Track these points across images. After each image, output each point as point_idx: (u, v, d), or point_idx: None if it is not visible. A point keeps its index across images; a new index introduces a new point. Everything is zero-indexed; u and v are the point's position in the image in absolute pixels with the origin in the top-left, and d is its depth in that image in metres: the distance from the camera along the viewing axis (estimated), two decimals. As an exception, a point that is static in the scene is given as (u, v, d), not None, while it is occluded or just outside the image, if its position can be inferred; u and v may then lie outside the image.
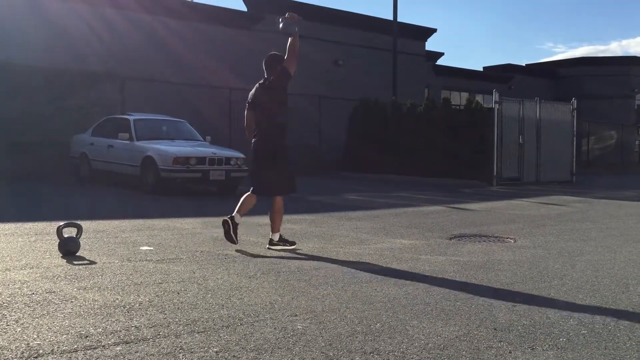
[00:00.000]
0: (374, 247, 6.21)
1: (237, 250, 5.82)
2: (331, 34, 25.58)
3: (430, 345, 2.99)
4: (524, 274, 4.90)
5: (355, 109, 20.42)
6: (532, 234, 7.45)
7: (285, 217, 8.58)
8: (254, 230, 7.24)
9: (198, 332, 3.12)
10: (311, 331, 3.18)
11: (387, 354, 2.85)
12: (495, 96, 16.94)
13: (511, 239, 7.01)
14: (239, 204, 6.22)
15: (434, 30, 29.31)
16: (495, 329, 3.29)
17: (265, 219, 6.24)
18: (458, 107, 23.57)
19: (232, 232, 5.97)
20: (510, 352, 2.91)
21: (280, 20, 6.02)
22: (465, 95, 32.24)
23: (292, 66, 6.10)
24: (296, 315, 3.48)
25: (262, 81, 6.19)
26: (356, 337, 3.08)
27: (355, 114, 20.38)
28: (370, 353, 2.85)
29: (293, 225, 7.83)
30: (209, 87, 20.27)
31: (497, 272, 4.99)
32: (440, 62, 34.61)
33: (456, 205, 11.04)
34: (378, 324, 3.34)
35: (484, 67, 41.20)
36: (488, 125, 16.86)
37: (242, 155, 12.25)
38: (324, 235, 7.03)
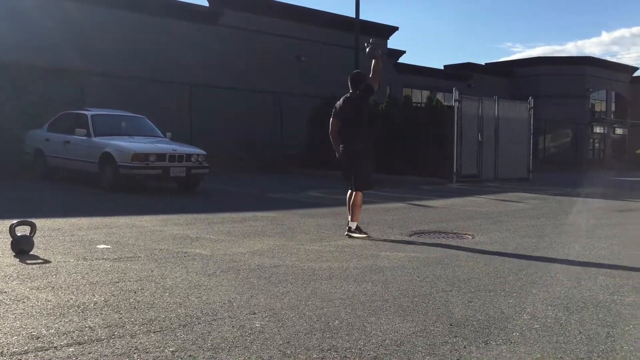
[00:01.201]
0: (335, 244, 6.24)
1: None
2: (294, 30, 25.55)
3: (387, 341, 3.02)
4: (481, 270, 4.99)
5: (317, 106, 20.45)
6: (490, 230, 7.60)
7: (247, 215, 8.59)
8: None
9: (154, 332, 3.07)
10: (269, 329, 3.17)
11: (344, 350, 2.86)
12: (456, 94, 17.20)
13: (469, 235, 7.13)
14: (347, 206, 7.06)
15: (395, 29, 29.57)
16: (451, 325, 3.34)
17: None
18: (419, 105, 23.82)
19: (359, 233, 6.84)
20: (465, 347, 2.96)
21: (366, 45, 7.12)
22: (426, 93, 32.61)
23: (375, 84, 7.02)
24: (255, 313, 3.47)
25: (348, 95, 7.15)
26: (314, 335, 3.09)
27: (317, 111, 20.40)
28: (328, 350, 2.86)
29: (253, 222, 7.80)
30: (170, 83, 19.98)
31: (455, 268, 5.07)
32: (402, 60, 34.92)
33: (416, 202, 11.17)
34: (336, 321, 3.35)
35: (444, 66, 41.76)
36: (448, 123, 17.11)
37: (203, 152, 12.12)
38: (285, 232, 7.02)
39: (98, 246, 5.64)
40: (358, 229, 6.88)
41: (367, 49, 7.07)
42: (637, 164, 35.59)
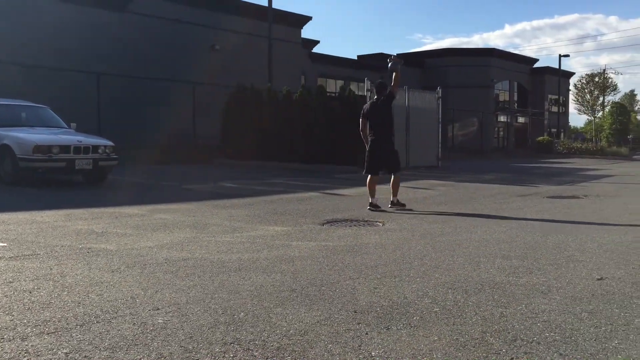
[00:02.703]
0: (247, 235, 6.20)
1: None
2: (207, 19, 25.07)
3: (291, 331, 3.04)
4: (388, 256, 5.12)
5: (231, 95, 20.19)
6: (400, 217, 7.80)
7: (158, 207, 8.38)
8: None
9: (48, 333, 2.93)
10: (172, 325, 3.10)
11: (248, 343, 2.85)
12: (367, 84, 17.50)
13: (380, 222, 7.29)
14: (368, 189, 8.73)
15: (309, 18, 29.64)
16: (355, 312, 3.40)
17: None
18: (334, 94, 24.06)
19: (377, 208, 8.46)
20: (367, 334, 3.02)
21: (388, 60, 9.04)
22: (340, 83, 32.97)
23: (396, 91, 9.07)
24: (158, 309, 3.39)
25: (374, 100, 8.92)
26: (218, 328, 3.06)
27: (231, 100, 20.16)
28: (231, 343, 2.84)
29: (165, 215, 7.62)
30: (76, 72, 19.10)
31: (364, 255, 5.17)
32: (316, 49, 35.08)
33: (330, 191, 11.30)
34: (242, 313, 3.33)
35: (358, 56, 42.37)
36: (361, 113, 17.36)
37: (111, 143, 11.68)
38: (197, 224, 6.90)
39: (-8, 245, 5.31)
40: (400, 203, 8.70)
41: (389, 64, 8.96)
42: (537, 151, 37.67)
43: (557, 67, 47.93)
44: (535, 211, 8.46)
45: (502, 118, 48.46)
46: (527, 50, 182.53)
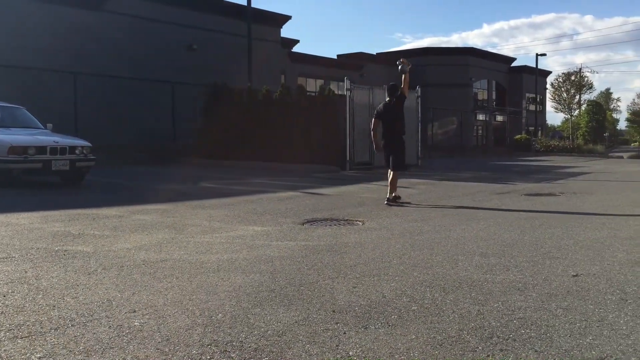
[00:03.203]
0: (226, 236, 6.17)
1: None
2: (185, 18, 24.91)
3: (269, 332, 3.03)
4: (368, 255, 5.13)
5: (210, 95, 20.07)
6: (379, 216, 7.82)
7: (136, 208, 8.31)
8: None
9: (21, 338, 2.89)
10: (149, 327, 3.08)
11: (225, 344, 2.84)
12: (347, 83, 17.52)
13: (360, 221, 7.31)
14: (389, 186, 9.19)
15: (288, 17, 29.60)
16: (333, 311, 3.41)
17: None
18: (314, 93, 24.06)
19: (397, 202, 9.08)
20: (344, 333, 3.03)
21: (398, 63, 9.61)
22: (320, 82, 32.96)
23: (406, 92, 9.71)
24: (135, 312, 3.35)
25: (387, 101, 9.61)
26: (196, 330, 3.04)
27: (210, 100, 20.05)
28: (208, 345, 2.82)
29: (143, 216, 7.55)
30: (52, 71, 18.85)
31: (343, 254, 5.18)
32: (296, 49, 35.05)
33: (310, 191, 11.29)
34: (220, 315, 3.32)
35: (337, 55, 42.42)
36: (340, 112, 17.40)
37: (88, 144, 11.56)
38: (175, 225, 6.85)
39: (-35, 248, 5.22)
40: (394, 200, 9.10)
41: (400, 67, 9.50)
42: (516, 149, 38.05)
43: (534, 66, 48.47)
44: (513, 209, 8.54)
45: (480, 117, 48.88)
46: (505, 50, 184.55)
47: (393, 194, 9.11)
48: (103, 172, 14.17)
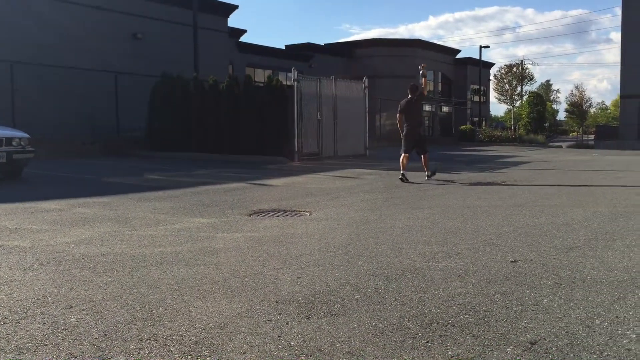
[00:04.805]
0: (171, 228, 6.07)
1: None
2: (129, 6, 24.26)
3: (211, 324, 3.00)
4: (313, 246, 5.14)
5: (156, 85, 19.65)
6: (327, 206, 7.85)
7: (77, 201, 8.07)
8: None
9: (-51, 338, 2.76)
10: (85, 323, 2.99)
11: (165, 338, 2.79)
12: (294, 74, 17.46)
13: (307, 212, 7.31)
14: (401, 164, 11.47)
15: (235, 7, 29.24)
16: (277, 302, 3.40)
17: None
18: (262, 84, 23.91)
19: (406, 180, 11.12)
20: (287, 324, 3.03)
21: (420, 68, 12.29)
22: (269, 72, 32.75)
23: (425, 92, 12.27)
24: (71, 307, 3.26)
25: (409, 98, 11.64)
26: (135, 324, 2.98)
27: (157, 90, 19.63)
28: (147, 340, 2.77)
29: (85, 209, 7.34)
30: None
31: (289, 245, 5.17)
32: (243, 39, 34.68)
33: (258, 182, 11.23)
34: (161, 308, 3.26)
35: (286, 46, 42.22)
36: (289, 103, 17.34)
37: (26, 135, 11.14)
38: (118, 218, 6.69)
39: None
40: (433, 174, 11.74)
41: (420, 71, 12.30)
42: (461, 139, 38.84)
43: (478, 57, 49.51)
44: (457, 197, 8.72)
45: (427, 107, 49.59)
46: (451, 42, 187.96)
47: (427, 172, 11.67)
48: (44, 164, 13.69)
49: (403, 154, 11.58)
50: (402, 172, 11.29)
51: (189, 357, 2.59)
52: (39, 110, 18.72)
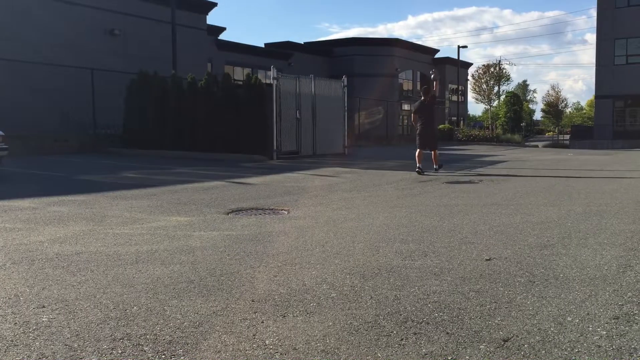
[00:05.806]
0: (147, 226, 6.02)
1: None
2: (106, 2, 23.96)
3: (185, 324, 2.98)
4: (290, 244, 5.14)
5: (132, 82, 19.44)
6: (305, 204, 7.85)
7: (52, 199, 7.97)
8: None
9: None
10: (58, 322, 2.96)
11: (139, 337, 2.77)
12: (273, 72, 17.42)
13: (285, 210, 7.30)
14: (417, 159, 12.64)
15: (214, 4, 29.07)
16: (253, 301, 3.39)
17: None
18: (240, 82, 23.81)
19: (422, 172, 12.38)
20: (262, 322, 3.02)
21: (431, 72, 14.31)
22: (248, 70, 32.63)
23: (437, 93, 13.23)
24: (44, 307, 3.22)
25: (422, 100, 13.19)
26: (108, 324, 2.95)
27: (133, 88, 19.43)
28: (121, 339, 2.74)
29: (59, 207, 7.25)
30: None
31: (266, 243, 5.16)
32: (222, 36, 34.51)
33: (236, 180, 11.19)
34: (135, 307, 3.23)
35: (265, 44, 42.10)
36: (268, 101, 17.30)
37: (0, 132, 10.96)
38: (94, 216, 6.61)
39: None
40: (440, 167, 13.34)
41: (432, 76, 14.36)
42: (439, 139, 39.11)
43: (456, 57, 49.89)
44: (434, 196, 8.79)
45: (406, 106, 49.83)
46: (429, 41, 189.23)
47: (435, 165, 13.12)
48: (19, 162, 13.49)
49: (418, 150, 12.75)
50: (418, 165, 12.51)
51: (163, 356, 2.57)
52: (13, 107, 18.42)
